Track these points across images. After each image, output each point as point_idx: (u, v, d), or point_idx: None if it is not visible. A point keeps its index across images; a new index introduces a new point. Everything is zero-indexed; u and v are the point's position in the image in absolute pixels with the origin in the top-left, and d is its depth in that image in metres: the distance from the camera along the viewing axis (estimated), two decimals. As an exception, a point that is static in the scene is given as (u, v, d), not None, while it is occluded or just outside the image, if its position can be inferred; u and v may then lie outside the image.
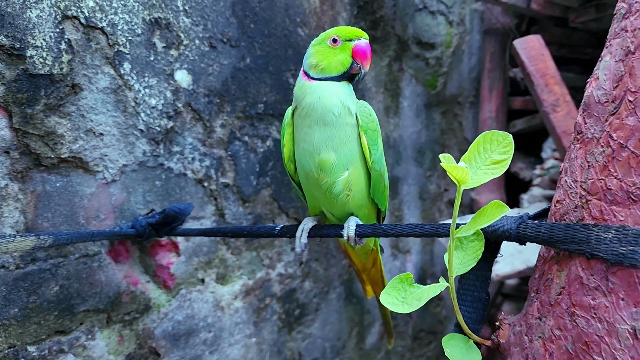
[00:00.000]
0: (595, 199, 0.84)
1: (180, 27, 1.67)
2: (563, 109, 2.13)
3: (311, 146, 1.12)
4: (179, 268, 1.75)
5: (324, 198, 1.17)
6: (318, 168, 1.12)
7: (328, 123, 1.11)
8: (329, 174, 1.12)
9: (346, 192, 1.14)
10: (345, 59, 1.13)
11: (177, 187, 1.71)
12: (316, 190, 1.17)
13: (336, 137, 1.11)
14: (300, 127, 1.15)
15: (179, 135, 1.71)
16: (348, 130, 1.12)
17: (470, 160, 0.90)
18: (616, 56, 0.84)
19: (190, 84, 1.72)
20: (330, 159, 1.11)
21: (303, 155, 1.15)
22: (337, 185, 1.13)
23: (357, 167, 1.14)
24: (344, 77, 1.14)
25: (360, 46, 1.12)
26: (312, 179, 1.15)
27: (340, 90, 1.12)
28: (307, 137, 1.12)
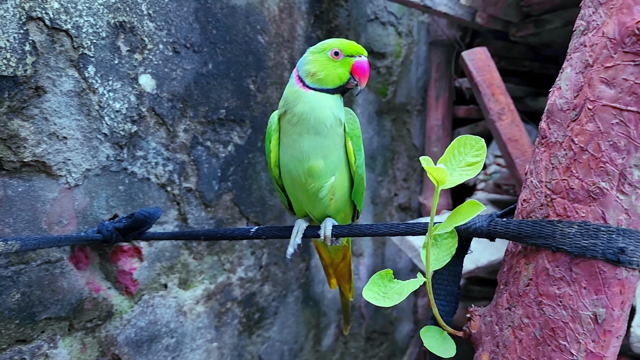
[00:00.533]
0: (559, 197, 0.92)
1: (144, 31, 1.67)
2: (508, 117, 2.26)
3: (301, 153, 1.16)
4: (141, 273, 1.73)
5: (308, 201, 1.21)
6: (307, 174, 1.16)
7: (319, 133, 1.15)
8: (317, 179, 1.16)
9: (330, 196, 1.19)
10: (344, 74, 1.16)
11: (140, 191, 1.70)
12: (302, 194, 1.21)
13: (325, 146, 1.15)
14: (289, 133, 1.18)
15: (143, 139, 1.70)
16: (337, 139, 1.17)
17: (446, 162, 0.97)
18: (576, 68, 0.93)
19: (154, 88, 1.71)
20: (319, 166, 1.15)
21: (291, 161, 1.18)
22: (324, 190, 1.18)
23: (342, 172, 1.19)
24: (339, 91, 1.18)
25: (361, 63, 1.16)
26: (299, 183, 1.19)
27: (333, 103, 1.16)
28: (297, 145, 1.16)
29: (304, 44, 2.30)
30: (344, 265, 1.47)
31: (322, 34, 2.41)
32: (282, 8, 2.17)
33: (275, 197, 2.21)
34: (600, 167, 0.88)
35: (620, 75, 0.88)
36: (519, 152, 2.23)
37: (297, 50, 2.27)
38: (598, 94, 0.89)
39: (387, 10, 2.86)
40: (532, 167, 0.99)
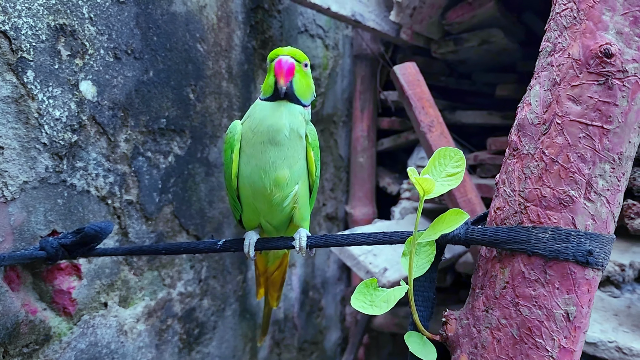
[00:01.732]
0: (533, 205, 0.99)
1: (85, 35, 1.58)
2: (437, 129, 2.38)
3: (267, 164, 1.16)
4: (80, 292, 1.62)
5: (270, 211, 1.21)
6: (273, 184, 1.16)
7: (280, 143, 1.15)
8: (283, 189, 1.17)
9: (293, 204, 1.20)
10: (271, 79, 1.19)
11: (79, 205, 1.60)
12: (264, 204, 1.20)
13: (290, 156, 1.16)
14: (252, 144, 1.17)
15: (83, 149, 1.60)
16: (299, 150, 1.18)
17: (429, 173, 1.01)
18: (544, 86, 1.01)
19: (95, 95, 1.62)
20: (286, 176, 1.16)
21: (255, 172, 1.17)
22: (288, 199, 1.18)
23: (304, 182, 1.21)
24: (277, 97, 1.18)
25: (277, 63, 1.16)
26: (262, 194, 1.18)
27: (284, 111, 1.17)
28: (262, 155, 1.16)
29: (240, 54, 2.29)
30: (278, 273, 1.49)
31: (257, 44, 2.40)
32: (220, 17, 2.14)
33: (214, 208, 2.16)
34: (569, 177, 0.96)
35: (585, 93, 0.97)
36: (448, 162, 2.34)
37: (235, 60, 2.25)
38: (566, 110, 0.97)
39: (316, 23, 2.91)
40: (505, 177, 1.05)
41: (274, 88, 1.16)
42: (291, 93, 1.18)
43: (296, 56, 1.19)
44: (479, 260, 1.09)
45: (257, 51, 2.40)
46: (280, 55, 1.17)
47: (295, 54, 1.19)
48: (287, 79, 1.16)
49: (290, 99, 1.18)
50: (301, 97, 1.22)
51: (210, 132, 2.12)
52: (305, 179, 1.22)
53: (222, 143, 2.20)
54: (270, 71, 1.17)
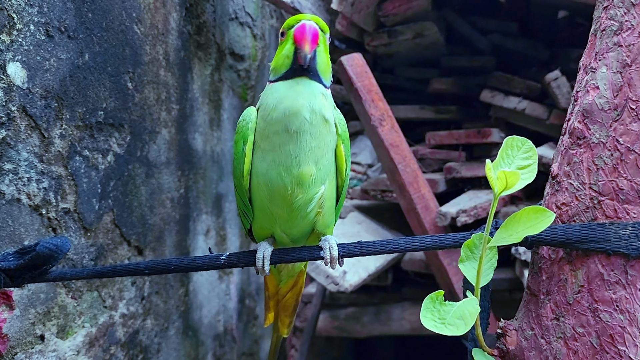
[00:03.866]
0: (608, 199, 0.90)
1: (12, 5, 1.27)
2: (388, 123, 2.28)
3: (287, 158, 0.96)
4: (12, 326, 1.30)
5: (289, 217, 1.01)
6: (295, 183, 0.96)
7: (299, 130, 0.96)
8: (307, 189, 0.97)
9: (317, 209, 1.01)
10: (290, 50, 0.98)
11: (9, 217, 1.28)
12: (281, 208, 1.00)
13: (315, 147, 0.97)
14: (266, 135, 0.97)
15: (12, 148, 1.28)
16: (327, 139, 0.99)
17: (497, 166, 0.88)
18: (612, 68, 0.92)
19: (26, 81, 1.31)
20: (311, 173, 0.97)
21: (272, 169, 0.97)
22: (313, 202, 0.98)
23: (332, 181, 1.02)
24: (296, 72, 0.99)
25: (297, 28, 0.96)
26: (281, 196, 0.98)
27: (303, 90, 0.98)
28: (280, 148, 0.96)
29: (177, 39, 2.02)
30: (291, 295, 1.28)
31: (192, 29, 2.15)
32: (156, -5, 1.87)
33: (155, 214, 1.89)
34: (649, 167, 0.88)
35: (658, 76, 0.89)
36: (400, 157, 2.26)
37: (171, 45, 1.98)
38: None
39: (245, 10, 2.70)
40: (568, 169, 0.95)
41: (293, 60, 0.96)
42: (313, 67, 0.99)
43: (320, 24, 0.99)
44: (540, 263, 0.99)
45: (192, 37, 2.15)
46: (303, 20, 0.97)
47: (318, 21, 0.99)
48: (312, 46, 0.96)
49: (311, 75, 0.99)
50: (323, 75, 1.02)
51: (149, 127, 1.85)
52: (333, 178, 1.02)
53: (163, 141, 1.93)
54: (288, 39, 0.97)
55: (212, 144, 2.34)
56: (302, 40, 0.95)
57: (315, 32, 0.96)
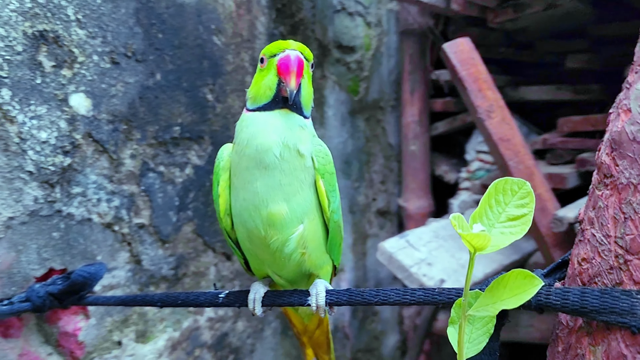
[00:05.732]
0: (637, 258, 0.68)
1: (72, 41, 1.36)
2: (497, 114, 2.04)
3: (255, 196, 0.89)
4: (89, 333, 1.44)
5: (272, 259, 0.94)
6: (266, 224, 0.89)
7: (269, 166, 0.88)
8: (280, 230, 0.89)
9: (300, 250, 0.92)
10: (272, 80, 0.90)
11: (80, 236, 1.40)
12: (262, 250, 0.94)
13: (286, 184, 0.89)
14: (238, 171, 0.92)
15: (79, 173, 1.40)
16: (300, 175, 0.90)
17: (482, 217, 0.72)
18: (654, 86, 0.69)
19: (90, 109, 1.41)
20: (282, 212, 0.89)
21: (244, 208, 0.91)
22: (290, 244, 0.91)
23: (313, 219, 0.93)
24: (278, 104, 0.91)
25: (283, 59, 0.88)
26: (257, 237, 0.91)
27: (280, 124, 0.89)
28: (249, 185, 0.90)
29: (266, 42, 2.02)
30: (320, 332, 1.20)
31: (285, 29, 2.13)
32: (239, 3, 1.88)
33: (244, 220, 1.93)
34: (696, 223, 0.65)
35: None
36: (512, 153, 2.01)
37: (260, 50, 1.99)
38: (688, 122, 0.65)
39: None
40: (593, 215, 0.75)
41: (275, 92, 0.89)
42: (298, 101, 0.91)
43: (304, 52, 0.91)
44: (558, 330, 0.80)
45: (286, 38, 2.13)
46: (287, 49, 0.89)
47: (303, 50, 0.91)
48: (298, 80, 0.88)
49: (294, 107, 0.91)
50: (305, 107, 0.94)
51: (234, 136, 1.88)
52: (316, 215, 0.93)
53: (250, 146, 1.96)
54: (271, 69, 0.89)
55: (313, 143, 2.31)
56: (288, 74, 0.87)
57: (300, 64, 0.88)
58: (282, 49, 0.89)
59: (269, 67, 0.90)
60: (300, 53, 0.89)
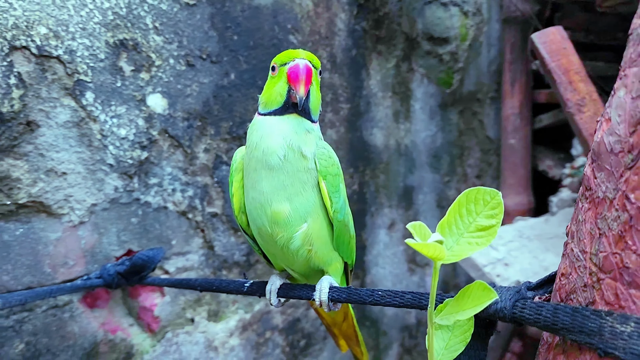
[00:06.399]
0: (610, 278, 0.64)
1: (150, 47, 1.51)
2: (589, 108, 1.89)
3: (261, 195, 0.95)
4: (163, 309, 1.60)
5: (282, 255, 0.99)
6: (271, 222, 0.95)
7: (274, 167, 0.93)
8: (284, 228, 0.95)
9: (307, 247, 0.97)
10: (283, 87, 0.94)
11: (156, 222, 1.57)
12: (271, 246, 1.00)
13: (289, 185, 0.94)
14: (249, 172, 0.98)
15: (156, 165, 1.55)
16: (303, 177, 0.94)
17: (451, 225, 0.72)
18: (633, 91, 0.64)
19: (166, 108, 1.56)
20: (285, 211, 0.94)
21: (253, 207, 0.98)
22: (295, 241, 0.95)
23: (317, 218, 0.96)
24: (288, 109, 0.96)
25: (292, 68, 0.93)
26: (266, 234, 0.97)
27: (287, 128, 0.94)
28: (256, 185, 0.96)
29: (346, 39, 2.06)
30: (347, 326, 1.23)
31: (367, 25, 2.15)
32: (317, 2, 1.94)
33: (319, 212, 2.00)
34: (670, 242, 0.60)
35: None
36: (604, 150, 1.86)
37: (338, 47, 2.03)
38: (667, 132, 0.60)
39: (449, -12, 2.53)
40: (574, 229, 0.71)
41: (286, 98, 0.94)
42: (307, 106, 0.96)
43: (313, 61, 0.95)
44: (540, 345, 0.77)
45: (368, 33, 2.15)
46: (297, 58, 0.94)
47: (312, 59, 0.95)
48: (307, 88, 0.93)
49: (302, 113, 0.96)
50: (313, 112, 0.98)
51: (310, 130, 1.95)
52: (321, 215, 0.97)
53: (329, 141, 2.02)
54: (281, 77, 0.95)
55: (397, 137, 2.32)
56: (297, 82, 0.92)
57: (309, 73, 0.92)
58: (292, 58, 0.94)
59: (279, 75, 0.95)
60: (309, 62, 0.93)
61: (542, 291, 0.77)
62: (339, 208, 0.97)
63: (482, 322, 0.80)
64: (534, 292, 0.77)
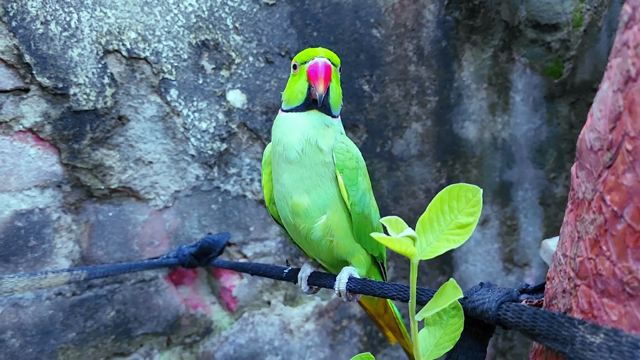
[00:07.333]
0: (585, 285, 0.60)
1: (230, 46, 1.63)
2: None
3: (283, 188, 1.00)
4: (241, 291, 1.72)
5: (307, 245, 1.04)
6: (293, 213, 1.00)
7: (293, 161, 0.98)
8: (304, 219, 0.99)
9: (328, 238, 1.00)
10: (303, 85, 0.98)
11: (235, 209, 1.68)
12: (297, 235, 1.04)
13: (307, 178, 0.97)
14: (274, 165, 1.03)
15: (235, 156, 1.67)
16: (320, 170, 0.97)
17: (432, 222, 0.71)
18: (614, 83, 0.59)
19: (245, 103, 1.67)
20: (304, 203, 0.98)
21: (278, 199, 1.03)
22: (316, 231, 0.99)
23: (337, 210, 0.99)
24: (310, 106, 0.99)
25: (312, 66, 0.96)
26: (290, 224, 1.03)
27: (306, 123, 0.98)
28: (279, 178, 1.01)
29: (435, 30, 2.02)
30: (389, 318, 1.23)
31: (460, 15, 2.09)
32: (403, -6, 1.93)
33: (401, 205, 2.00)
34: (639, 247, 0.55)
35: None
36: None
37: (426, 38, 2.00)
38: (641, 127, 0.55)
39: (560, -29, 2.36)
40: (562, 230, 0.67)
41: (306, 95, 0.98)
42: (327, 102, 0.99)
43: (332, 59, 0.98)
44: (530, 349, 0.73)
45: (461, 23, 2.09)
46: (316, 57, 0.98)
47: (331, 57, 0.98)
48: (326, 85, 0.97)
49: (323, 108, 0.99)
50: (333, 107, 1.01)
51: (393, 123, 1.96)
52: (341, 208, 0.99)
53: (413, 135, 2.01)
54: (302, 75, 0.99)
55: (493, 130, 2.22)
56: (317, 79, 0.95)
57: (328, 70, 0.96)
58: (311, 57, 0.98)
59: (300, 73, 0.99)
60: (328, 60, 0.96)
61: (540, 295, 0.74)
62: (357, 200, 0.99)
63: (479, 323, 0.78)
64: (529, 295, 0.74)
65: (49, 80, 1.38)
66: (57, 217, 1.44)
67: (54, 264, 1.43)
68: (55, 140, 1.41)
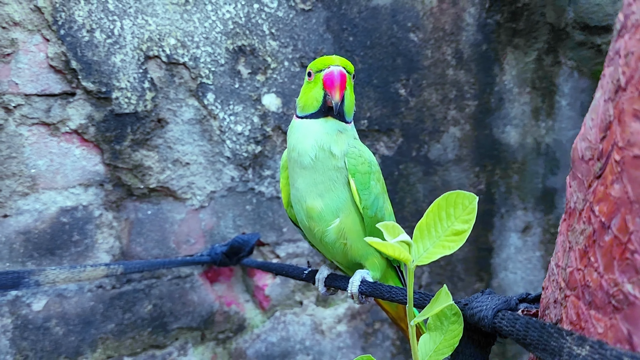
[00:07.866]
0: (574, 295, 0.60)
1: (266, 52, 1.67)
2: None
3: (297, 192, 1.03)
4: (273, 290, 1.76)
5: (322, 246, 1.06)
6: (307, 216, 1.02)
7: (307, 167, 1.00)
8: (318, 222, 1.01)
9: (342, 241, 1.02)
10: (319, 93, 1.00)
11: (269, 210, 1.73)
12: (312, 238, 1.07)
13: (320, 182, 1.00)
14: (289, 170, 1.07)
15: (270, 159, 1.71)
16: (333, 175, 0.99)
17: (430, 228, 0.72)
18: (606, 93, 0.58)
19: (280, 106, 1.71)
20: (317, 207, 1.00)
21: (294, 202, 1.06)
22: (329, 234, 1.01)
23: (350, 214, 1.01)
24: (324, 113, 1.02)
25: (328, 75, 0.98)
26: (305, 227, 1.06)
27: (319, 130, 1.00)
28: (294, 182, 1.04)
29: (475, 34, 2.00)
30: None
31: (502, 18, 2.06)
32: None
33: (437, 210, 1.99)
34: (625, 259, 0.54)
35: (669, 106, 0.52)
36: None
37: (466, 42, 1.99)
38: (629, 137, 0.54)
39: (611, -29, 2.28)
40: (556, 240, 0.66)
41: (322, 103, 1.01)
42: (342, 110, 1.01)
43: (347, 67, 1.00)
44: (528, 357, 0.72)
45: (502, 26, 2.06)
46: (332, 65, 1.00)
47: (346, 65, 1.00)
48: (342, 93, 0.99)
49: (337, 115, 1.01)
50: (347, 114, 1.03)
51: (430, 127, 1.95)
52: (354, 212, 1.00)
53: (451, 139, 2.00)
54: (317, 82, 1.01)
55: (536, 135, 2.17)
56: (333, 88, 0.98)
57: (344, 79, 0.98)
58: (327, 65, 1.00)
59: (315, 80, 1.02)
60: (343, 68, 0.98)
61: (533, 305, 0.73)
62: (370, 204, 1.01)
63: (480, 330, 0.78)
64: (528, 304, 0.73)
65: (93, 85, 1.47)
66: (99, 214, 1.52)
67: (95, 258, 1.51)
68: (99, 142, 1.50)
